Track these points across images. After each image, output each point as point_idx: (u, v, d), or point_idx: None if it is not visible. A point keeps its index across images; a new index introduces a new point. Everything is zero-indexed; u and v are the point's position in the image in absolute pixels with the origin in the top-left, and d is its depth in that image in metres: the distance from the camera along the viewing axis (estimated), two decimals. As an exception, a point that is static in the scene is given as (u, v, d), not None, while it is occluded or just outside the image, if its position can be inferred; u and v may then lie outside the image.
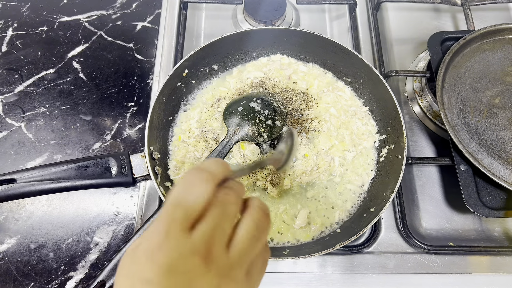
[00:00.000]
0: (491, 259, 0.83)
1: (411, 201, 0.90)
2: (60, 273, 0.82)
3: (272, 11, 1.06)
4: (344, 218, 0.82)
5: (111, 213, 0.88)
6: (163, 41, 1.06)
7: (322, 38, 0.90)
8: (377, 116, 0.91)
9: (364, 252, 0.83)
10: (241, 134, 0.81)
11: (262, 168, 0.83)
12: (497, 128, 0.85)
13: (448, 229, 0.88)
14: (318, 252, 0.70)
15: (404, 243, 0.84)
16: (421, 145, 0.97)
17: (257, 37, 0.93)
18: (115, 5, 1.15)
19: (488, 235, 0.87)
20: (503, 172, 0.80)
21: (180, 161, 0.84)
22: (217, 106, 0.90)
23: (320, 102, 0.92)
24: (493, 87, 0.89)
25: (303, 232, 0.80)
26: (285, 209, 0.81)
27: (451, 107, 0.87)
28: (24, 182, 0.66)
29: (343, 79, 0.96)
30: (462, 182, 0.81)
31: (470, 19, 1.04)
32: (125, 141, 0.96)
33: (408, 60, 1.08)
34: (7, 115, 0.98)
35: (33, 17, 1.12)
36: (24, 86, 1.02)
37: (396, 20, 1.15)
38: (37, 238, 0.85)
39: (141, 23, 1.12)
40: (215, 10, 1.16)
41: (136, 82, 1.03)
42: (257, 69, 0.97)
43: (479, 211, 0.79)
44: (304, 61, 0.99)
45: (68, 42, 1.08)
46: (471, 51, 0.94)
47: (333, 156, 0.86)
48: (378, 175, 0.86)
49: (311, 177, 0.83)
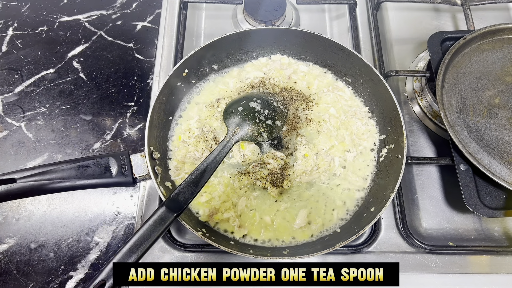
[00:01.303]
0: (491, 259, 0.83)
1: (411, 200, 0.90)
2: (60, 272, 0.82)
3: (272, 11, 1.06)
4: (344, 218, 0.82)
5: (111, 213, 0.88)
6: (163, 41, 1.06)
7: (322, 38, 0.90)
8: (377, 116, 0.91)
9: (364, 252, 0.83)
10: (241, 133, 0.81)
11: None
12: (497, 128, 0.85)
13: (448, 228, 0.88)
14: (318, 252, 0.70)
15: (404, 242, 0.84)
16: (421, 145, 0.97)
17: (257, 37, 0.93)
18: (115, 5, 1.15)
19: (488, 234, 0.87)
20: (503, 172, 0.80)
21: (181, 161, 0.85)
22: (217, 106, 0.91)
23: (320, 102, 0.92)
24: (493, 87, 0.89)
25: (303, 231, 0.80)
26: (285, 209, 0.81)
27: (451, 107, 0.87)
28: (24, 181, 0.66)
29: (343, 79, 0.96)
30: (462, 182, 0.81)
31: (470, 19, 1.04)
32: (125, 141, 0.96)
33: (408, 60, 1.08)
34: (7, 115, 0.98)
35: (33, 17, 1.12)
36: (24, 86, 1.02)
37: (396, 20, 1.15)
38: (37, 238, 0.85)
39: (141, 23, 1.12)
40: (215, 10, 1.16)
41: (136, 82, 1.03)
42: (257, 69, 0.97)
43: (479, 211, 0.79)
44: (304, 61, 0.99)
45: (68, 42, 1.08)
46: (471, 51, 0.94)
47: (333, 156, 0.86)
48: (378, 175, 0.86)
49: (311, 177, 0.83)
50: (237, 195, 0.82)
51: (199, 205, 0.82)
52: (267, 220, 0.80)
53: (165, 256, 0.82)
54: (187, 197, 0.65)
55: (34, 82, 1.03)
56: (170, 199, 0.64)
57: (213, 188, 0.83)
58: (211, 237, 0.73)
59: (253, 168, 0.84)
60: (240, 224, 0.80)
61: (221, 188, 0.82)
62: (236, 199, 0.81)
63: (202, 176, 0.68)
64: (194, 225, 0.73)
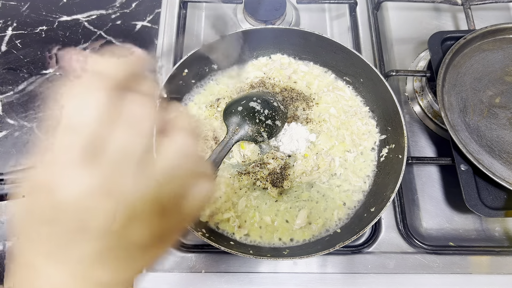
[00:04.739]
0: (492, 259, 0.83)
1: (412, 201, 0.90)
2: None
3: (272, 10, 1.06)
4: (344, 218, 0.82)
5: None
6: (163, 41, 1.06)
7: (322, 38, 0.90)
8: (378, 116, 0.91)
9: (364, 252, 0.83)
10: (241, 133, 0.81)
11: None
12: (498, 128, 0.84)
13: (448, 229, 0.88)
14: (318, 252, 0.69)
15: (404, 243, 0.84)
16: (421, 145, 0.97)
17: (257, 36, 0.93)
18: (114, 5, 1.14)
19: (488, 235, 0.87)
20: (503, 172, 0.80)
21: (180, 161, 0.84)
22: (216, 105, 0.90)
23: (320, 102, 0.92)
24: (494, 86, 0.89)
25: (303, 232, 0.80)
26: (285, 209, 0.81)
27: (452, 106, 0.87)
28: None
29: (343, 79, 0.96)
30: (463, 182, 0.81)
31: (471, 18, 1.03)
32: (125, 141, 0.96)
33: (409, 60, 1.08)
34: (7, 115, 0.98)
35: (33, 17, 1.12)
36: (24, 86, 1.02)
37: (396, 19, 1.14)
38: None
39: (141, 22, 1.12)
40: (215, 10, 1.16)
41: (136, 81, 1.03)
42: (257, 69, 0.96)
43: (479, 211, 0.78)
44: (304, 61, 0.99)
45: (67, 42, 1.08)
46: (472, 50, 0.93)
47: (334, 156, 0.86)
48: (378, 175, 0.86)
49: (311, 177, 0.83)
50: (237, 195, 0.82)
51: (199, 205, 0.81)
52: (267, 220, 0.80)
53: (165, 256, 0.81)
54: (187, 197, 0.65)
55: (34, 82, 1.02)
56: (170, 199, 0.64)
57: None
58: (211, 237, 0.73)
59: (253, 168, 0.84)
60: (240, 224, 0.80)
61: (221, 188, 0.82)
62: (236, 199, 0.81)
63: (202, 176, 0.68)
64: (194, 225, 0.73)
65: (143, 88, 0.30)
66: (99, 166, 0.27)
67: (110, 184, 0.28)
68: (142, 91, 0.30)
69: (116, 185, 0.28)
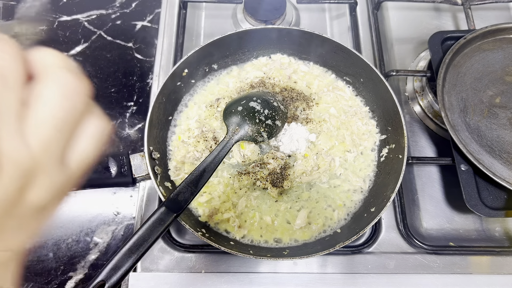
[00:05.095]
0: (492, 259, 0.82)
1: (412, 201, 0.90)
2: (60, 273, 0.81)
3: (272, 10, 1.06)
4: (344, 218, 0.82)
5: (111, 213, 0.88)
6: (162, 41, 1.06)
7: (323, 38, 0.90)
8: (378, 116, 0.91)
9: (364, 252, 0.83)
10: (241, 133, 0.81)
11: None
12: (498, 128, 0.84)
13: (448, 229, 0.88)
14: (319, 252, 0.69)
15: (404, 243, 0.84)
16: (421, 145, 0.97)
17: (257, 36, 0.93)
18: (114, 5, 1.14)
19: (488, 235, 0.87)
20: (503, 172, 0.80)
21: (180, 161, 0.84)
22: (216, 105, 0.90)
23: (320, 102, 0.92)
24: (494, 86, 0.89)
25: (303, 232, 0.80)
26: (285, 209, 0.81)
27: (452, 106, 0.86)
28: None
29: (344, 79, 0.96)
30: (463, 182, 0.81)
31: (471, 18, 1.03)
32: (124, 140, 0.96)
33: (409, 60, 1.08)
34: (6, 115, 0.97)
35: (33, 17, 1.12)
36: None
37: (396, 19, 1.14)
38: (36, 238, 0.84)
39: (141, 22, 1.12)
40: (215, 10, 1.16)
41: (135, 81, 1.03)
42: (257, 69, 0.96)
43: (479, 211, 0.78)
44: (304, 61, 0.98)
45: (67, 42, 1.08)
46: (472, 50, 0.93)
47: (334, 156, 0.85)
48: (378, 175, 0.85)
49: (311, 177, 0.83)
50: (237, 195, 0.82)
51: (199, 205, 0.81)
52: (267, 221, 0.80)
53: (165, 256, 0.81)
54: (186, 197, 0.65)
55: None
56: (169, 199, 0.64)
57: (213, 188, 0.82)
58: (211, 237, 0.73)
59: (253, 168, 0.84)
60: (240, 225, 0.79)
61: (221, 188, 0.82)
62: (236, 199, 0.81)
63: (202, 176, 0.68)
64: (193, 225, 0.73)
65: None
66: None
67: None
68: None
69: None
